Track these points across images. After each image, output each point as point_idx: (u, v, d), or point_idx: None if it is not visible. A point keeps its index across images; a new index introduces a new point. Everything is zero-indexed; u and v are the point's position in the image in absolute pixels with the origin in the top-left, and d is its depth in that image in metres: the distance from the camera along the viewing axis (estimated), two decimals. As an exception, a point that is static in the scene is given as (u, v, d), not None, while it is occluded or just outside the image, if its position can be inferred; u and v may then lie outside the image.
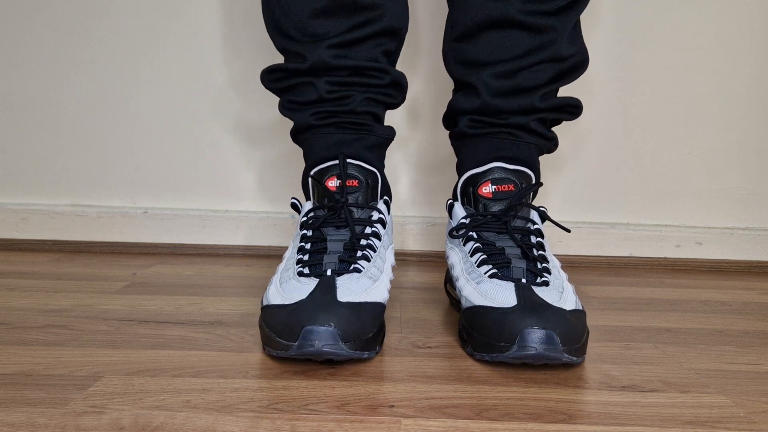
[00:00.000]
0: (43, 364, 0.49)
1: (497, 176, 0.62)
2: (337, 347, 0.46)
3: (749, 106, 1.01)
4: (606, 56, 0.99)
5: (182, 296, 0.73)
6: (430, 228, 1.03)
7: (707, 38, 0.98)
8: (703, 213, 1.04)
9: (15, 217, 1.03)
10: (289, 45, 0.63)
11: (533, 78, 0.62)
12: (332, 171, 0.62)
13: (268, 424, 0.40)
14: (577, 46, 0.64)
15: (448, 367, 0.51)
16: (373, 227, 0.60)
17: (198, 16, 0.98)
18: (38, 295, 0.71)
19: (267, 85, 0.66)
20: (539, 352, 0.47)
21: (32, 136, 1.02)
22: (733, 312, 0.75)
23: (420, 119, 1.01)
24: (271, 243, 1.03)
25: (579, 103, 0.66)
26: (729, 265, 1.03)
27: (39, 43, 0.99)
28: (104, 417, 0.40)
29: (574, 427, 0.41)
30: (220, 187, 1.04)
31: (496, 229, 0.60)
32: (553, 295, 0.52)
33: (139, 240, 1.03)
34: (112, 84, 1.00)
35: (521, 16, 0.60)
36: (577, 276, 0.93)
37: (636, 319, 0.69)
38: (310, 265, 0.55)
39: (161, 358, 0.51)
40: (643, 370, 0.52)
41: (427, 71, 0.99)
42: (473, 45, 0.63)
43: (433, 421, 0.41)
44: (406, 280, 0.87)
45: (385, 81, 0.64)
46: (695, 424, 0.42)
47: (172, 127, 1.02)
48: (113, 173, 1.03)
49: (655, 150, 1.02)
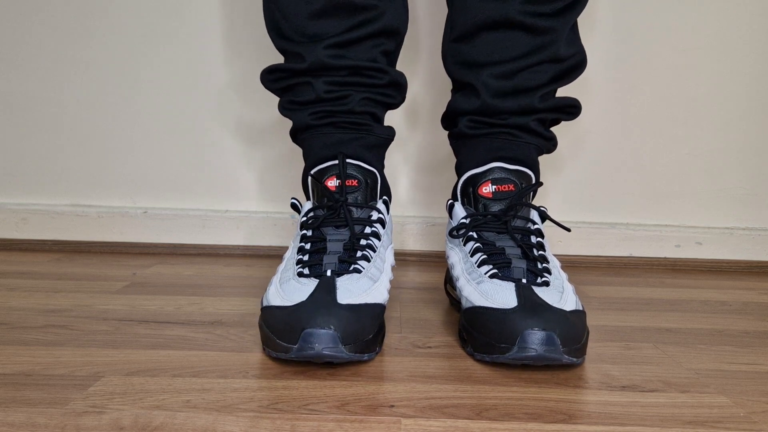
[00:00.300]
0: (43, 364, 0.49)
1: (497, 176, 0.62)
2: (337, 350, 0.46)
3: (749, 106, 1.01)
4: (605, 57, 0.99)
5: (182, 296, 0.73)
6: (430, 228, 1.03)
7: (706, 38, 0.98)
8: (703, 213, 1.05)
9: (15, 217, 1.03)
10: (288, 46, 0.63)
11: (533, 78, 0.62)
12: (332, 171, 0.62)
13: (268, 424, 0.40)
14: (576, 47, 0.64)
15: (448, 367, 0.51)
16: (373, 227, 0.60)
17: (198, 16, 0.98)
18: (38, 295, 0.71)
19: (267, 85, 0.66)
20: (539, 354, 0.47)
21: (32, 136, 1.02)
22: (733, 312, 0.75)
23: (419, 119, 1.01)
24: (271, 243, 1.03)
25: (578, 104, 0.66)
26: (729, 265, 1.03)
27: (39, 43, 0.99)
28: (104, 417, 0.40)
29: (574, 427, 0.41)
30: (220, 187, 1.04)
31: (496, 229, 0.60)
32: (554, 295, 0.52)
33: (139, 240, 1.03)
34: (112, 84, 1.00)
35: (521, 17, 0.60)
36: (577, 276, 0.93)
37: (636, 319, 0.69)
38: (309, 265, 0.55)
39: (161, 358, 0.51)
40: (643, 370, 0.52)
41: (426, 71, 0.99)
42: (472, 45, 0.63)
43: (433, 421, 0.41)
44: (406, 280, 0.87)
45: (384, 81, 0.64)
46: (695, 424, 0.42)
47: (172, 127, 1.02)
48: (113, 173, 1.03)
49: (655, 150, 1.02)
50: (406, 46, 0.73)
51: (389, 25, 0.63)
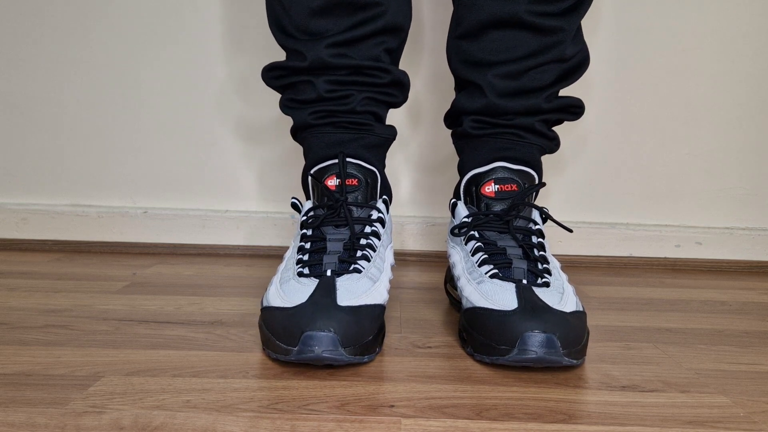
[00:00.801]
0: (43, 364, 0.49)
1: (500, 176, 0.62)
2: (337, 353, 0.46)
3: (749, 106, 1.01)
4: (606, 57, 0.99)
5: (182, 296, 0.73)
6: (430, 228, 1.03)
7: (707, 39, 0.98)
8: (703, 213, 1.04)
9: (15, 217, 1.03)
10: (290, 42, 0.63)
11: (539, 79, 0.62)
12: (332, 170, 0.62)
13: (268, 424, 0.40)
14: (579, 45, 0.64)
15: (448, 367, 0.51)
16: (373, 226, 0.60)
17: (198, 16, 0.98)
18: (38, 295, 0.71)
19: (268, 82, 0.66)
20: (539, 356, 0.47)
21: (32, 136, 1.02)
22: (733, 312, 0.75)
23: (421, 119, 1.01)
24: (271, 243, 1.03)
25: (581, 104, 0.66)
26: (729, 265, 1.03)
27: (39, 43, 0.99)
28: (104, 417, 0.40)
29: (574, 427, 0.41)
30: (220, 187, 1.04)
31: (497, 228, 0.60)
32: (554, 296, 0.52)
33: (139, 240, 1.03)
34: (112, 84, 1.00)
35: (529, 17, 0.59)
36: (577, 276, 0.93)
37: (636, 319, 0.69)
38: (310, 265, 0.55)
39: (161, 358, 0.51)
40: (643, 370, 0.52)
41: (429, 70, 0.99)
42: (478, 44, 0.63)
43: (433, 421, 0.41)
44: (406, 280, 0.87)
45: (386, 80, 0.63)
46: (695, 424, 0.42)
47: (172, 127, 1.02)
48: (113, 173, 1.03)
49: (655, 150, 1.02)
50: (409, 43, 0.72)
51: (392, 23, 0.62)
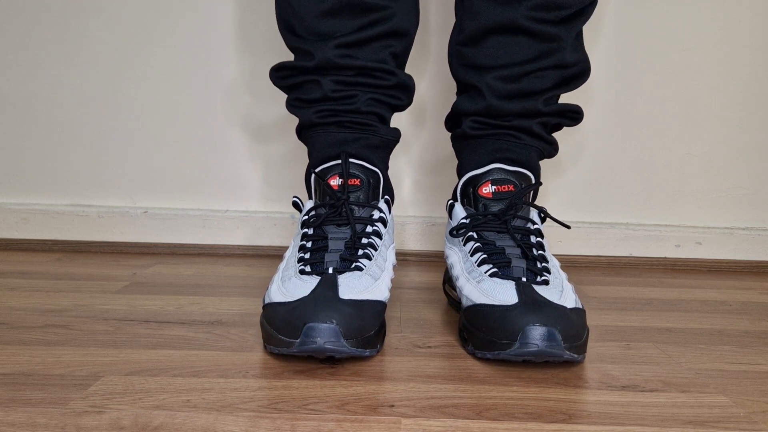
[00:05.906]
0: (43, 364, 0.49)
1: (497, 177, 0.62)
2: (339, 344, 0.46)
3: (749, 106, 1.01)
4: (606, 55, 0.99)
5: (182, 296, 0.73)
6: (430, 228, 1.03)
7: (707, 39, 0.98)
8: (703, 213, 1.04)
9: (15, 217, 1.03)
10: (299, 43, 0.64)
11: (537, 83, 0.63)
12: (335, 169, 0.62)
13: (268, 424, 0.40)
14: (580, 55, 0.65)
15: (448, 366, 0.51)
16: (374, 226, 0.60)
17: (198, 16, 0.98)
18: (38, 295, 0.71)
19: (275, 82, 0.67)
20: (541, 349, 0.47)
21: (32, 136, 1.02)
22: (733, 312, 0.75)
23: (424, 120, 1.01)
24: (271, 243, 1.03)
25: (580, 110, 0.67)
26: (729, 265, 1.03)
27: (39, 43, 0.99)
28: (104, 417, 0.40)
29: (574, 427, 0.41)
30: (221, 187, 1.04)
31: (496, 228, 0.60)
32: (553, 293, 0.53)
33: (139, 240, 1.03)
34: (113, 84, 1.00)
35: (528, 23, 0.61)
36: (577, 276, 0.93)
37: (636, 319, 0.69)
38: (311, 263, 0.55)
39: (161, 358, 0.51)
40: (643, 370, 0.52)
41: (433, 73, 0.99)
42: (479, 49, 0.64)
43: (433, 421, 0.41)
44: (406, 280, 0.87)
45: (391, 82, 0.64)
46: (695, 424, 0.42)
47: (172, 127, 1.02)
48: (113, 173, 1.03)
49: (655, 150, 1.02)
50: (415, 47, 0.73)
51: (399, 27, 0.63)
